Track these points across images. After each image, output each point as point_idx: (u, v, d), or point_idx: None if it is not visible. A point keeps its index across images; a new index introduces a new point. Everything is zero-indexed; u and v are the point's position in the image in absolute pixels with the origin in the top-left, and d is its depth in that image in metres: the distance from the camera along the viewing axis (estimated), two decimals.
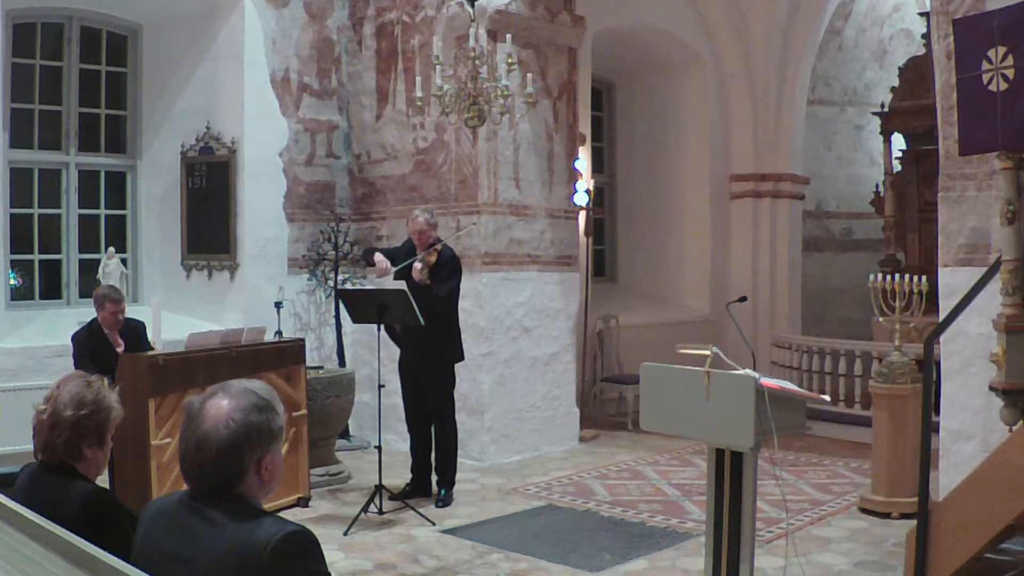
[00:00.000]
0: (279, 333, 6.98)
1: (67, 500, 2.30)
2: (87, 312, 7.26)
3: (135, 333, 5.74)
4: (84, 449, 2.40)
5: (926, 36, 9.11)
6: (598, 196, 10.02)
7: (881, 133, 10.32)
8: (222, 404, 1.92)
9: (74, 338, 5.67)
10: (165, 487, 4.98)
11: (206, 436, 1.90)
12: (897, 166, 10.18)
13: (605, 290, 10.61)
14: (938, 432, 4.90)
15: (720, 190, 10.88)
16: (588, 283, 9.07)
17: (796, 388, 3.84)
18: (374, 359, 6.63)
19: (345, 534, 5.41)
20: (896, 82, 10.19)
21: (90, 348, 5.51)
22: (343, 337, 8.06)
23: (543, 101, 7.73)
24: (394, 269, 5.95)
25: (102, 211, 7.95)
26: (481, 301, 7.38)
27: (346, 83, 8.39)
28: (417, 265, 5.93)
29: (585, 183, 8.94)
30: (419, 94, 6.33)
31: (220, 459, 1.89)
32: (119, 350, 5.52)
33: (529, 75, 6.36)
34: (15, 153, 7.31)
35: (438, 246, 6.10)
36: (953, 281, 4.98)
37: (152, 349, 5.66)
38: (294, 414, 5.92)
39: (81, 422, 2.38)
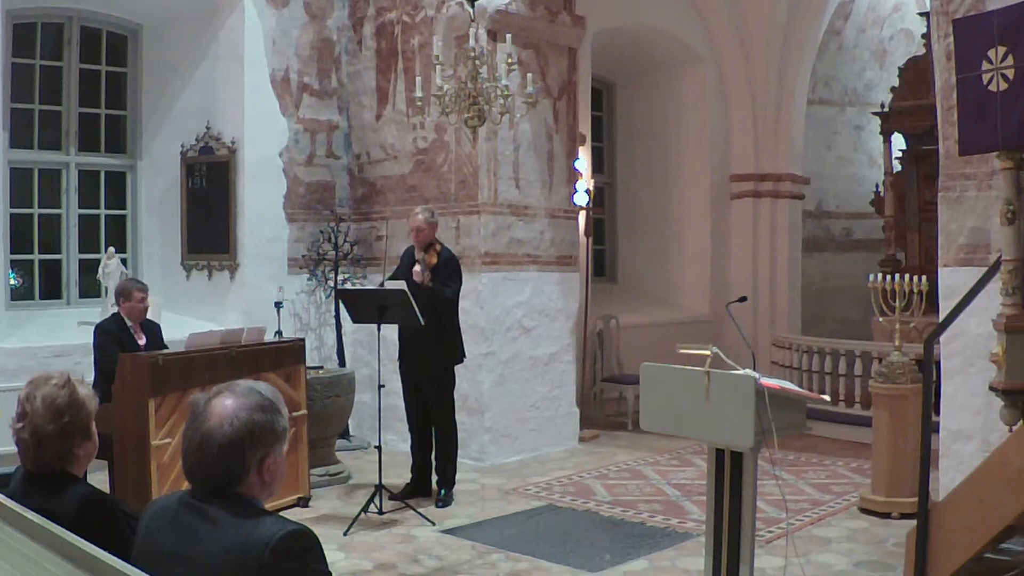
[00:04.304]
0: (279, 333, 6.99)
1: (61, 505, 2.27)
2: (87, 312, 7.29)
3: (155, 332, 5.68)
4: (75, 450, 2.39)
5: (926, 36, 9.10)
6: (598, 196, 10.02)
7: (881, 133, 10.31)
8: (226, 403, 1.93)
9: (99, 328, 5.53)
10: (165, 487, 4.97)
11: (209, 433, 1.90)
12: (897, 166, 10.18)
13: (605, 290, 10.61)
14: (938, 432, 4.90)
15: (720, 190, 10.88)
16: (588, 283, 9.07)
17: (796, 388, 3.84)
18: (374, 359, 6.63)
19: (345, 534, 5.41)
20: (896, 82, 10.18)
21: (116, 338, 5.40)
22: (343, 337, 8.06)
23: (543, 101, 7.73)
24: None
25: (102, 211, 7.95)
26: (481, 301, 7.38)
27: (346, 83, 8.39)
28: (417, 268, 5.92)
29: (585, 183, 8.95)
30: (419, 94, 6.33)
31: (222, 457, 1.90)
32: (141, 343, 5.45)
33: (529, 75, 6.36)
34: (15, 153, 7.31)
35: (437, 246, 6.11)
36: (953, 281, 4.98)
37: (167, 348, 5.60)
38: (294, 414, 5.92)
39: (66, 429, 2.35)
